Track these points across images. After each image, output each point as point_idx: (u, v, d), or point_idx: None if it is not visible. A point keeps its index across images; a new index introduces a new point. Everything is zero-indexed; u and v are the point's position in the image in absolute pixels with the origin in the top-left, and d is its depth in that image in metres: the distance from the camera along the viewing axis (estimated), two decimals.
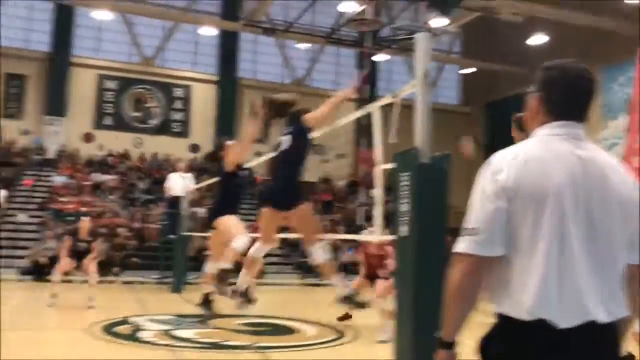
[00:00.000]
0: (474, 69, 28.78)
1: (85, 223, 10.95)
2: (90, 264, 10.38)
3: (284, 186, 5.54)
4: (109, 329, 8.04)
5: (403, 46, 25.04)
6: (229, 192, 7.71)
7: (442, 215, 3.99)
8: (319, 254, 5.56)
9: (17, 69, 24.42)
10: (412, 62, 4.21)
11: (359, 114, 5.63)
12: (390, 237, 4.83)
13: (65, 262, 10.48)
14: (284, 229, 6.41)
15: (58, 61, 24.68)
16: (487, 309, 2.08)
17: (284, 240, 21.19)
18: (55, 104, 24.56)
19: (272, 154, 5.91)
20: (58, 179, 21.88)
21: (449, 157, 3.94)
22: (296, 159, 5.62)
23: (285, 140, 5.62)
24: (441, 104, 30.20)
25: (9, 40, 24.66)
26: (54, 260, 12.95)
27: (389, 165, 4.44)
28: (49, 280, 14.55)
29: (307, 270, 20.00)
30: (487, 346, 2.05)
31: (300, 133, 5.58)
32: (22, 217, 19.42)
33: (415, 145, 3.96)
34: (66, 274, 10.72)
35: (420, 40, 4.02)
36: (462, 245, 1.99)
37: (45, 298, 10.34)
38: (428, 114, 3.96)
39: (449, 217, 4.05)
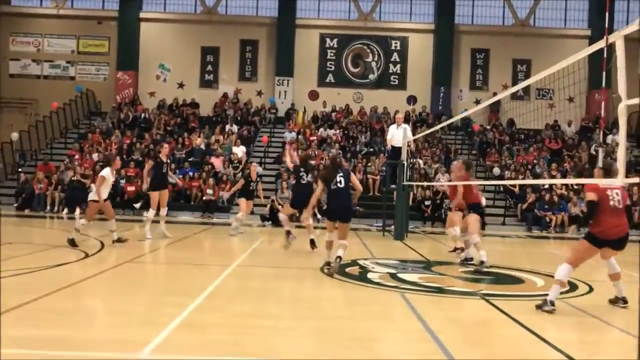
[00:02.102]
0: None
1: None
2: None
3: None
4: (341, 270, 8.62)
5: None
6: None
7: None
8: None
9: (250, 35, 26.79)
10: None
11: (595, 47, 5.08)
12: (635, 180, 4.36)
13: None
14: None
15: (284, 24, 26.44)
16: None
17: (509, 191, 20.50)
18: (283, 65, 26.48)
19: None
20: (289, 135, 23.76)
21: None
22: None
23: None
24: None
25: (241, 9, 27.13)
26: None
27: (635, 101, 3.97)
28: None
29: (534, 222, 19.11)
30: None
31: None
32: (259, 169, 21.51)
33: None
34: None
35: None
36: None
37: (280, 240, 11.43)
38: None
39: None
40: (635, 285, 6.31)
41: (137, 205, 18.42)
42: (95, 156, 21.45)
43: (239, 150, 22.01)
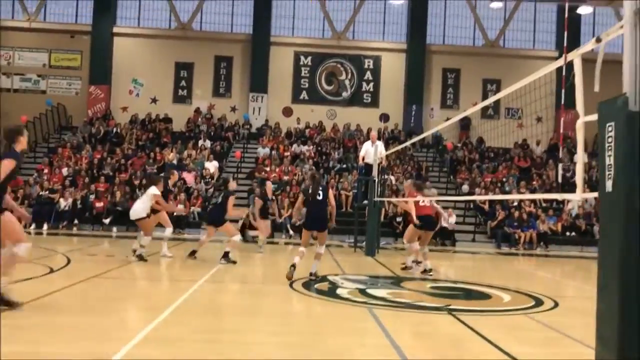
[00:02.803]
0: None
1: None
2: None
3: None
4: (311, 286, 8.62)
5: None
6: None
7: None
8: None
9: (224, 52, 26.86)
10: (620, 11, 3.77)
11: (554, 65, 5.21)
12: (592, 195, 4.48)
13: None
14: None
15: (259, 41, 26.58)
16: None
17: (479, 208, 20.76)
18: (258, 81, 26.56)
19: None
20: (262, 151, 23.76)
21: None
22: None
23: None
24: None
25: (216, 26, 27.22)
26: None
27: (592, 117, 4.09)
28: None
29: (503, 239, 19.36)
30: None
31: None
32: (232, 184, 21.39)
33: (623, 91, 3.59)
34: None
35: None
36: None
37: (252, 257, 11.41)
38: (638, 56, 3.55)
39: None
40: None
41: (107, 221, 18.22)
42: (64, 171, 21.14)
43: (212, 166, 21.92)
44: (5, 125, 5.98)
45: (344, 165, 23.23)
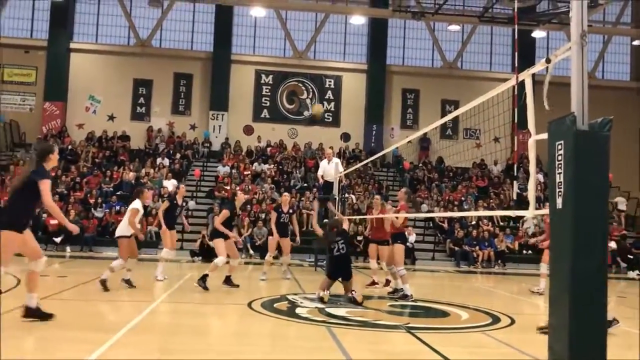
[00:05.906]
0: None
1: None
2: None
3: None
4: (269, 305, 8.51)
5: (563, 20, 23.35)
6: None
7: (602, 186, 3.66)
8: None
9: (184, 69, 26.67)
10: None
11: (507, 85, 5.30)
12: (544, 212, 4.56)
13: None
14: None
15: (219, 59, 26.48)
16: None
17: (438, 226, 20.97)
18: (218, 99, 26.42)
19: None
20: (222, 169, 23.56)
21: (610, 123, 3.60)
22: None
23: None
24: (610, 80, 27.85)
25: (176, 43, 27.04)
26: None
27: (543, 136, 4.17)
28: None
29: (462, 257, 19.58)
30: None
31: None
32: (191, 204, 21.17)
33: (571, 110, 3.68)
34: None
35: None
36: None
37: (211, 276, 11.19)
38: (584, 77, 3.66)
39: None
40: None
41: (58, 240, 17.73)
42: None
43: (170, 184, 21.57)
44: (38, 144, 6.54)
45: (305, 184, 23.21)
